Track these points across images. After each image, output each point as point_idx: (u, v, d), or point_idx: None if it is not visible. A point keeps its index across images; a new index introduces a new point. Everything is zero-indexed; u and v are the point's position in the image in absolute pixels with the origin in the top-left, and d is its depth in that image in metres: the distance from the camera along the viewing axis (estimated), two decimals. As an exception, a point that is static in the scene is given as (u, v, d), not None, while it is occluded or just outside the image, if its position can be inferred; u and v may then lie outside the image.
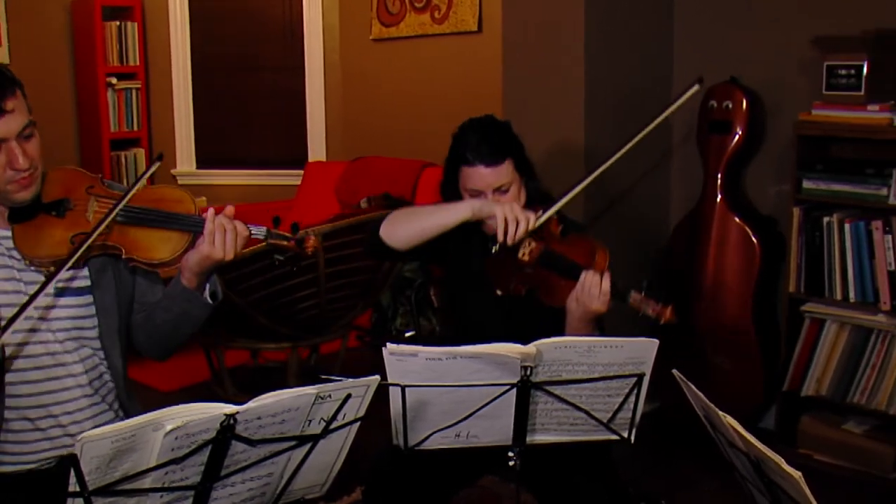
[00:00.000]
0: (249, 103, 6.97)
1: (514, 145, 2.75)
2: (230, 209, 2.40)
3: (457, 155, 2.71)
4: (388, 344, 2.07)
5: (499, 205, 2.59)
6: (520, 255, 2.63)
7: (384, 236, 2.72)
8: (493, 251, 2.60)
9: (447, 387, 2.10)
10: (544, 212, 2.66)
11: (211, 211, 2.34)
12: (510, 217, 2.56)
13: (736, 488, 2.19)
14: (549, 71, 4.22)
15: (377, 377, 1.88)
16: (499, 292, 2.68)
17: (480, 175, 2.66)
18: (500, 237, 2.56)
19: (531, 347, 2.06)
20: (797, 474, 1.49)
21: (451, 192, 2.77)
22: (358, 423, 1.94)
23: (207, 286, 2.40)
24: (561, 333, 2.32)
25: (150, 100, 7.00)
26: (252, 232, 2.40)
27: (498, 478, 2.89)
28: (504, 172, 2.68)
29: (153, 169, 2.39)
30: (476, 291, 2.79)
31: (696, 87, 2.58)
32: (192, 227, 2.32)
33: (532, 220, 2.59)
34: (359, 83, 6.54)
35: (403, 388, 2.11)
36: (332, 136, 6.79)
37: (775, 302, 4.26)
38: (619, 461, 2.72)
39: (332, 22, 6.64)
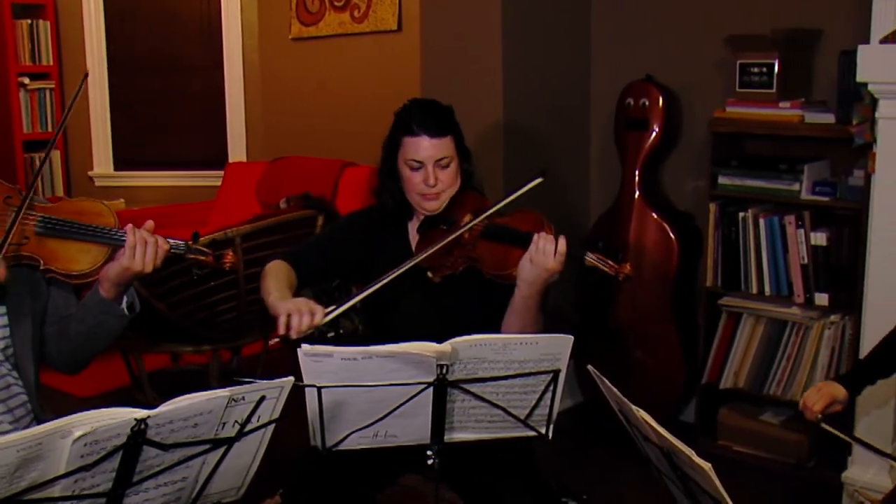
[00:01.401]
0: (168, 103, 6.87)
1: (457, 126, 2.78)
2: (150, 224, 2.41)
3: (400, 126, 2.72)
4: (302, 345, 2.06)
5: (292, 305, 2.52)
6: (460, 228, 2.64)
7: None
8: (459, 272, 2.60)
9: (363, 387, 2.09)
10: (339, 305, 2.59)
11: (130, 226, 2.35)
12: (293, 320, 2.48)
13: (655, 482, 2.21)
14: (467, 70, 4.24)
15: (291, 378, 1.86)
16: (430, 274, 2.67)
17: (424, 145, 2.67)
18: (282, 332, 2.47)
19: (446, 346, 2.06)
20: (707, 466, 1.51)
21: (388, 169, 2.77)
22: (273, 425, 1.92)
23: (125, 298, 2.40)
24: (485, 329, 2.31)
25: (65, 100, 6.86)
26: (171, 246, 2.41)
27: (420, 477, 2.88)
28: (446, 146, 2.70)
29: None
30: (400, 285, 2.77)
31: (538, 180, 2.63)
32: (112, 241, 2.34)
33: (319, 316, 2.52)
34: (279, 83, 6.49)
35: (319, 388, 2.09)
36: (252, 136, 6.73)
37: (693, 296, 4.33)
38: (542, 457, 2.73)
39: (251, 21, 6.58)
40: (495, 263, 2.60)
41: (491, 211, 2.64)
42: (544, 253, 2.47)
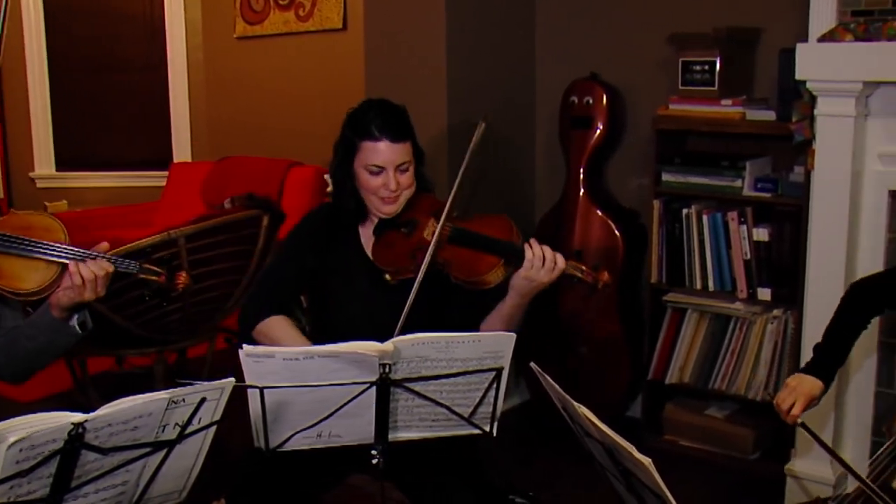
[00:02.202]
0: (111, 103, 6.79)
1: (412, 128, 2.76)
2: (103, 245, 2.41)
3: (358, 130, 2.67)
4: (244, 346, 2.04)
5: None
6: (424, 234, 2.63)
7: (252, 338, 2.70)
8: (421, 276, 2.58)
9: (306, 387, 2.08)
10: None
11: (72, 264, 2.34)
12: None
13: (601, 478, 2.22)
14: (411, 68, 4.23)
15: (232, 380, 1.85)
16: (387, 277, 2.65)
17: (385, 150, 2.64)
18: None
19: (388, 345, 2.06)
20: (647, 461, 1.52)
21: (343, 172, 2.73)
22: (214, 427, 1.90)
23: (76, 315, 2.40)
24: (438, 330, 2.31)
25: (5, 100, 6.75)
26: (119, 266, 2.41)
27: (367, 476, 2.87)
28: (406, 151, 2.68)
29: None
30: (352, 285, 2.76)
31: (482, 126, 2.65)
32: (60, 258, 2.31)
33: None
34: (224, 82, 6.45)
35: (262, 389, 2.08)
36: (197, 136, 6.67)
37: (638, 293, 4.36)
38: (489, 455, 2.74)
39: (195, 19, 6.52)
40: (466, 270, 2.59)
41: (450, 201, 2.63)
42: (541, 268, 2.51)
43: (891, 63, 3.23)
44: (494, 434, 2.30)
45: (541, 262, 2.52)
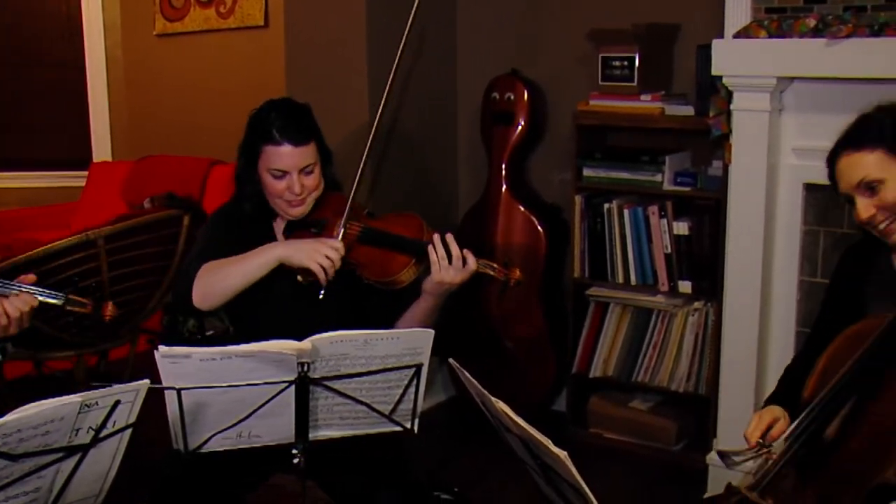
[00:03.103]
0: (28, 101, 6.64)
1: (317, 127, 2.72)
2: (30, 277, 2.41)
3: (260, 134, 2.63)
4: (159, 347, 2.02)
5: (305, 252, 2.51)
6: (334, 233, 2.62)
7: (200, 305, 2.58)
8: (322, 296, 2.54)
9: (224, 387, 2.06)
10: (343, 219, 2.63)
11: None
12: (323, 262, 2.49)
13: (525, 473, 2.23)
14: (332, 65, 4.21)
15: (146, 381, 1.82)
16: (299, 279, 2.62)
17: (288, 154, 2.60)
18: (324, 282, 2.51)
19: (306, 343, 2.04)
20: (562, 454, 1.53)
21: (248, 175, 2.69)
22: (130, 430, 1.87)
23: None
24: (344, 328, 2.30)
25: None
26: (44, 300, 2.43)
27: (290, 476, 2.85)
28: (310, 153, 2.64)
29: None
30: (268, 285, 2.73)
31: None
32: None
33: (339, 246, 2.54)
34: (144, 80, 6.35)
35: (179, 390, 2.05)
36: (117, 135, 6.56)
37: (561, 287, 4.39)
38: (414, 452, 2.73)
39: (114, 16, 6.41)
40: (378, 270, 2.59)
41: (350, 199, 2.63)
42: (450, 268, 2.52)
43: (803, 59, 3.29)
44: (416, 431, 2.30)
45: (447, 262, 2.53)
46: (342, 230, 2.60)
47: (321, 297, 2.52)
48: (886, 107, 2.31)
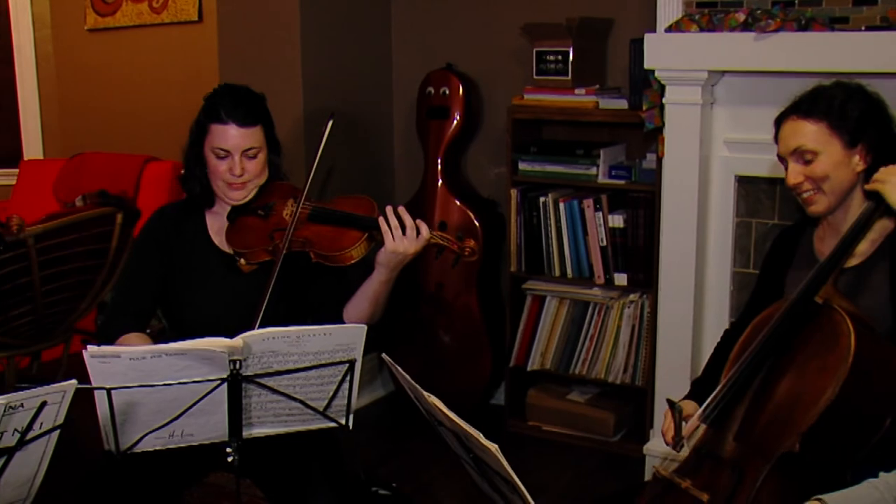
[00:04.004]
0: (-46, 98, 6.51)
1: (268, 115, 2.72)
2: None
3: (209, 112, 2.64)
4: (88, 346, 1.98)
5: None
6: (284, 214, 2.63)
7: None
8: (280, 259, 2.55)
9: (155, 386, 2.03)
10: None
11: None
12: None
13: (462, 466, 2.23)
14: (266, 60, 4.18)
15: (74, 382, 1.79)
16: (242, 262, 2.62)
17: (232, 134, 2.60)
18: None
19: (238, 340, 2.03)
20: (493, 447, 1.53)
21: (195, 154, 2.69)
22: (58, 432, 1.84)
23: None
24: (294, 321, 2.29)
25: None
26: None
27: (228, 474, 2.83)
28: (255, 136, 2.64)
29: None
30: (204, 278, 2.71)
31: (330, 123, 2.66)
32: None
33: None
34: (75, 76, 6.24)
35: (109, 390, 2.02)
36: (48, 132, 6.45)
37: (498, 281, 4.40)
38: (353, 448, 2.73)
39: (43, 11, 6.29)
40: (328, 245, 2.58)
41: (308, 181, 2.62)
42: (404, 238, 2.53)
43: (733, 53, 3.34)
44: (350, 427, 2.29)
45: (401, 231, 2.54)
46: (297, 210, 2.59)
47: (279, 260, 2.54)
48: (844, 84, 2.37)
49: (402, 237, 2.54)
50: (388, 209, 2.57)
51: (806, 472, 2.05)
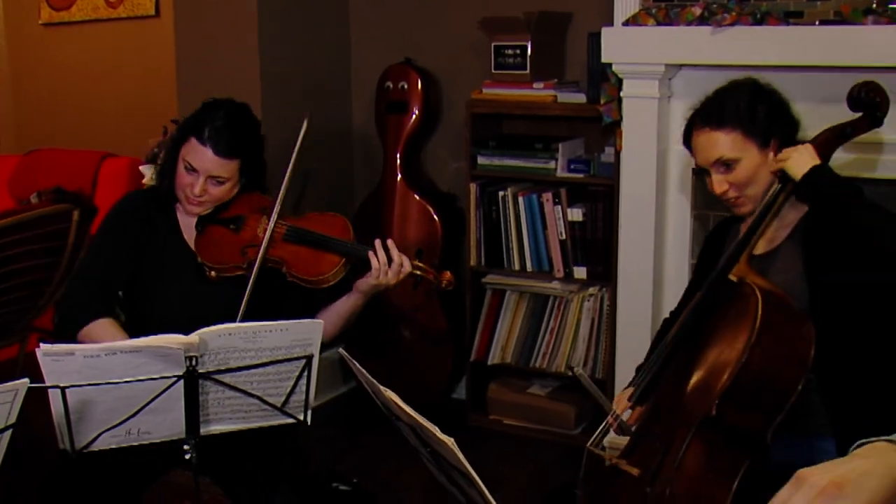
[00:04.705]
0: None
1: (252, 149, 2.69)
2: None
3: (195, 124, 2.62)
4: (41, 344, 1.96)
5: None
6: (257, 231, 2.62)
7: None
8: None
9: (110, 384, 2.01)
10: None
11: None
12: None
13: (421, 461, 2.23)
14: (223, 55, 4.16)
15: (26, 380, 1.77)
16: (213, 274, 2.60)
17: (205, 157, 2.58)
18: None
19: (194, 337, 2.01)
20: (449, 441, 1.53)
21: (172, 153, 2.67)
22: (10, 432, 1.82)
23: None
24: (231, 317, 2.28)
25: None
26: None
27: (186, 472, 2.81)
28: (228, 168, 2.61)
29: None
30: (171, 278, 2.69)
31: (305, 124, 2.65)
32: None
33: None
34: (30, 71, 6.17)
35: (63, 389, 2.00)
36: (2, 128, 6.37)
37: (458, 275, 4.39)
38: (314, 444, 2.72)
39: (-5, 4, 6.23)
40: (306, 269, 2.59)
41: (280, 198, 2.59)
42: (388, 271, 2.56)
43: (689, 46, 3.36)
44: (308, 422, 2.28)
45: (387, 268, 2.56)
46: (270, 228, 2.58)
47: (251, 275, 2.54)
48: (743, 85, 2.47)
49: (387, 271, 2.57)
50: (377, 243, 2.58)
51: (726, 436, 2.11)
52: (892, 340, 2.34)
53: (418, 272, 2.62)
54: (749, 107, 2.38)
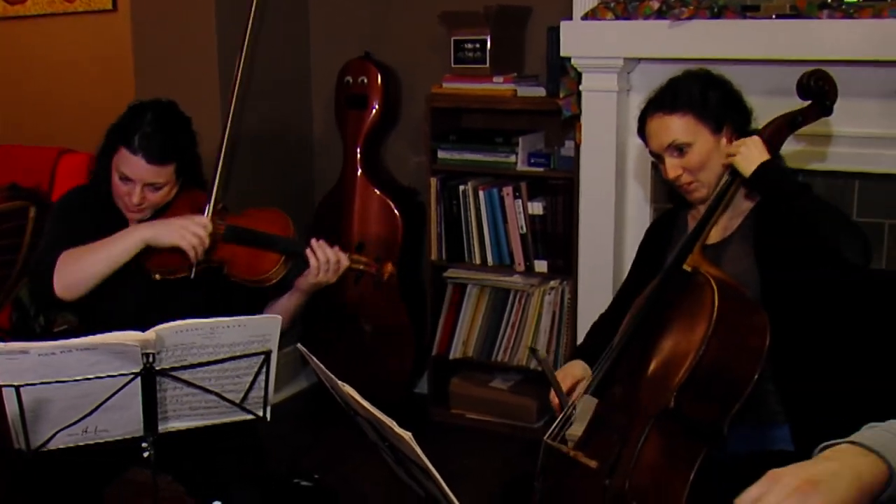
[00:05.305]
0: None
1: (186, 149, 2.64)
2: None
3: (122, 132, 2.54)
4: (-7, 345, 1.94)
5: (174, 231, 2.48)
6: None
7: (64, 295, 2.51)
8: (192, 275, 2.52)
9: (66, 382, 1.99)
10: (207, 203, 2.61)
11: None
12: (192, 241, 2.48)
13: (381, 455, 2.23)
14: (181, 51, 4.13)
15: (-21, 380, 1.75)
16: (157, 277, 2.57)
17: (138, 166, 2.52)
18: (193, 260, 2.50)
19: (150, 333, 2.00)
20: (407, 435, 1.53)
21: (104, 162, 2.61)
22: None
23: None
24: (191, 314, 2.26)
25: None
26: None
27: (147, 469, 2.79)
28: (163, 174, 2.57)
29: None
30: (119, 279, 2.65)
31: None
32: None
33: (207, 223, 2.53)
34: (-16, 66, 6.09)
35: (18, 388, 1.98)
36: (-43, 124, 6.29)
37: (419, 270, 4.40)
38: (275, 440, 2.71)
39: (-52, 0, 6.13)
40: (247, 269, 2.58)
41: (212, 199, 2.60)
42: (328, 270, 2.57)
43: (647, 40, 3.37)
44: (268, 418, 2.28)
45: (327, 267, 2.56)
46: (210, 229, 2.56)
47: (192, 276, 2.51)
48: (696, 73, 2.50)
49: (326, 269, 2.58)
50: (314, 242, 2.59)
51: (684, 428, 2.13)
52: (842, 328, 2.37)
53: (360, 266, 2.63)
54: (701, 92, 2.42)
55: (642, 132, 2.53)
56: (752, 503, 1.27)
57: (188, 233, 2.47)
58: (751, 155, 2.32)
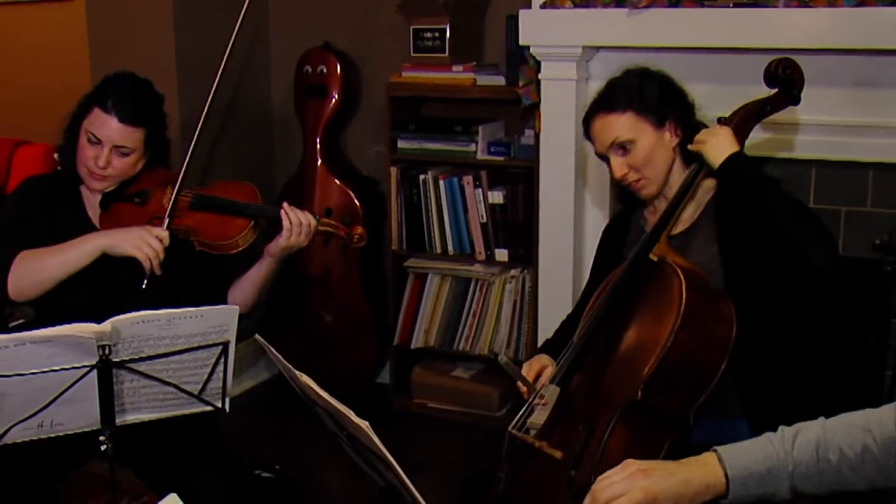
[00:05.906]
0: None
1: (157, 119, 2.66)
2: None
3: (97, 94, 2.58)
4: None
5: (129, 241, 2.47)
6: (163, 202, 2.59)
7: (16, 297, 2.52)
8: (144, 286, 2.49)
9: (20, 376, 1.97)
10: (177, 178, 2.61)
11: None
12: (148, 252, 2.47)
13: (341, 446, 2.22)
14: (138, 39, 4.09)
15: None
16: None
17: (109, 126, 2.54)
18: (148, 271, 2.48)
19: (106, 325, 1.98)
20: (364, 424, 1.53)
21: (73, 129, 2.62)
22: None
23: None
24: (169, 302, 2.24)
25: None
26: None
27: (105, 463, 2.77)
28: (133, 137, 2.57)
29: None
30: (78, 272, 2.63)
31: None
32: None
33: (164, 235, 2.51)
34: (-63, 57, 6.00)
35: (-30, 382, 1.96)
36: None
37: (380, 260, 4.39)
38: (236, 431, 2.69)
39: None
40: (214, 234, 2.57)
41: (185, 166, 2.60)
42: (300, 232, 2.57)
43: (606, 28, 3.38)
44: (227, 409, 2.27)
45: (299, 228, 2.57)
46: (173, 198, 2.57)
47: (143, 286, 2.49)
48: (634, 71, 2.51)
49: (299, 231, 2.58)
50: (285, 205, 2.60)
51: (650, 419, 2.13)
52: (801, 317, 2.38)
53: (328, 228, 2.63)
54: (639, 88, 2.42)
55: (588, 135, 2.54)
56: (603, 480, 1.66)
57: (145, 244, 2.47)
58: (720, 145, 2.30)
